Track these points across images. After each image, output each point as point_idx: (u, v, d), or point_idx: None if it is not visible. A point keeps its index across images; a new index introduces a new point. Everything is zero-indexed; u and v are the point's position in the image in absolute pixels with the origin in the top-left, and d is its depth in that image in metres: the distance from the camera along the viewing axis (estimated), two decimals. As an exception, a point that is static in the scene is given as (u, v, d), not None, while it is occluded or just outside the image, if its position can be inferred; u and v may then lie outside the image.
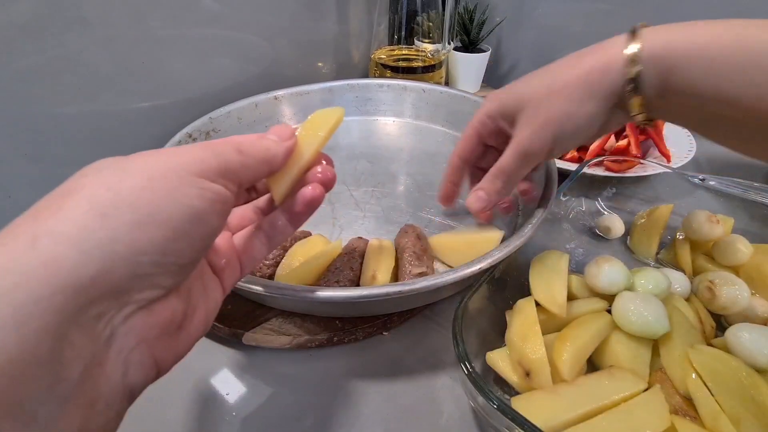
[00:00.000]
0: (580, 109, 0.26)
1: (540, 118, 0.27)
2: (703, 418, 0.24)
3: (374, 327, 0.33)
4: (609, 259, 0.31)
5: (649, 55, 0.24)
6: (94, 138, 0.46)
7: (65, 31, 0.40)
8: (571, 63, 0.27)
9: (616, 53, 0.25)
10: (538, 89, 0.28)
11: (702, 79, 0.23)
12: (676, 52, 0.23)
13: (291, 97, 0.56)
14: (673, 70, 0.23)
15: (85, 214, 0.13)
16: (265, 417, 0.29)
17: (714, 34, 0.23)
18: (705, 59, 0.22)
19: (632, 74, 0.24)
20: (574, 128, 0.27)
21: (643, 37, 0.24)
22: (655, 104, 0.25)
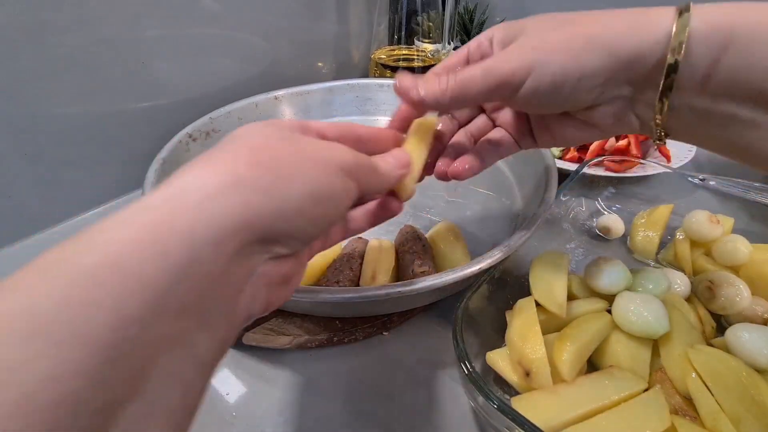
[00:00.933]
0: (581, 54, 0.21)
1: (532, 40, 0.22)
2: (703, 418, 0.24)
3: (374, 327, 0.33)
4: (609, 259, 0.31)
5: (703, 21, 0.19)
6: (94, 138, 0.46)
7: (65, 31, 0.40)
8: (602, 12, 0.21)
9: (659, 16, 0.20)
10: (547, 19, 0.23)
11: (763, 62, 0.18)
12: (735, 25, 0.19)
13: (291, 97, 0.56)
14: (731, 46, 0.19)
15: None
16: (265, 417, 0.29)
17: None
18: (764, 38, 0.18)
19: (676, 44, 0.19)
20: (562, 70, 0.21)
21: (695, 7, 0.19)
22: (685, 100, 0.21)
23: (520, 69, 0.21)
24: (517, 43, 0.23)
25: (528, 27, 0.23)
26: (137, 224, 0.13)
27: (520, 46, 0.22)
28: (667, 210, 0.38)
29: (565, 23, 0.22)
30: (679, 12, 0.19)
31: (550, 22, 0.22)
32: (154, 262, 0.12)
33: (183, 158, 0.44)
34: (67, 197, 0.46)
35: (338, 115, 0.58)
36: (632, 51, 0.20)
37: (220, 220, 0.14)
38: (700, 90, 0.20)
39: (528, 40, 0.22)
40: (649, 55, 0.20)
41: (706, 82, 0.20)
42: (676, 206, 0.38)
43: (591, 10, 0.22)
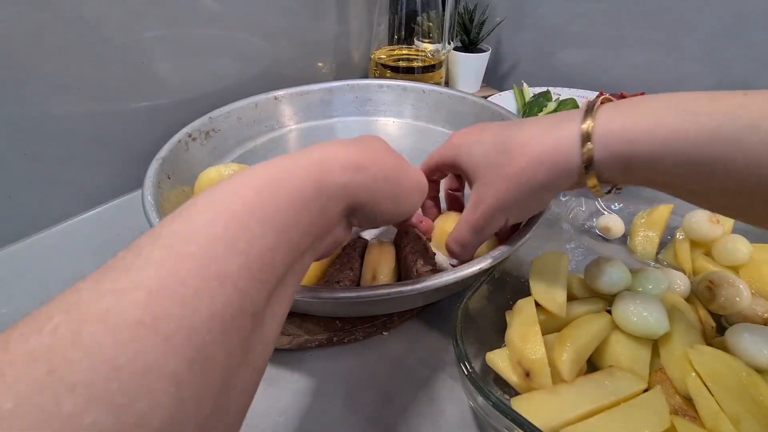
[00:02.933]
0: (527, 196, 0.26)
1: (489, 199, 0.28)
2: (703, 418, 0.24)
3: (374, 327, 0.33)
4: (609, 259, 0.31)
5: (604, 148, 0.23)
6: (94, 138, 0.46)
7: (65, 31, 0.40)
8: (525, 141, 0.26)
9: (569, 138, 0.24)
10: (490, 167, 0.28)
11: (669, 170, 0.22)
12: (635, 144, 0.22)
13: (291, 97, 0.56)
14: (634, 161, 0.22)
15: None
16: (265, 417, 0.29)
17: (677, 126, 0.21)
18: (671, 153, 0.21)
19: (586, 160, 0.23)
20: (521, 208, 0.28)
21: (596, 130, 0.23)
22: (618, 180, 0.25)
23: (496, 221, 0.29)
24: (479, 195, 0.29)
25: (477, 169, 0.29)
26: (300, 170, 0.19)
27: (486, 204, 0.28)
28: (667, 210, 0.38)
29: (505, 168, 0.27)
30: (582, 136, 0.23)
31: (492, 159, 0.28)
32: (302, 191, 0.18)
33: (182, 158, 0.44)
34: (67, 197, 0.46)
35: (338, 116, 0.58)
36: (562, 179, 0.25)
37: (342, 188, 0.20)
38: (624, 181, 0.25)
39: (485, 191, 0.28)
40: (574, 176, 0.25)
41: (627, 178, 0.24)
42: (676, 206, 0.38)
43: (516, 134, 0.27)
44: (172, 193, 0.40)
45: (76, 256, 0.41)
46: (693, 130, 0.20)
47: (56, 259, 0.41)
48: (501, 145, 0.27)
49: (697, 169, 0.21)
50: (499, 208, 0.28)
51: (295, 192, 0.18)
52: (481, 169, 0.28)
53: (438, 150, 0.33)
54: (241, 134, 0.52)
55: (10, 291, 0.37)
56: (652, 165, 0.22)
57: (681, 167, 0.21)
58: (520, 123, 0.28)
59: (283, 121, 0.56)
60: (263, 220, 0.16)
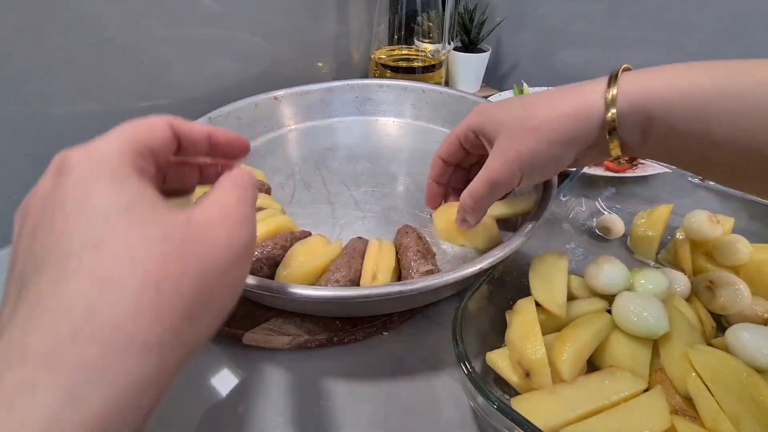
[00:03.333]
0: (548, 149, 0.27)
1: (511, 151, 0.28)
2: (703, 418, 0.24)
3: (374, 327, 0.33)
4: (609, 259, 0.31)
5: (626, 102, 0.24)
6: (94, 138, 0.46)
7: (65, 31, 0.40)
8: (550, 101, 0.27)
9: (594, 99, 0.25)
10: (515, 121, 0.28)
11: (685, 125, 0.23)
12: (654, 100, 0.23)
13: (291, 97, 0.56)
14: (654, 117, 0.24)
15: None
16: (265, 417, 0.29)
17: (693, 80, 0.22)
18: (687, 106, 0.22)
19: (609, 121, 0.25)
20: (540, 165, 0.28)
21: (620, 83, 0.25)
22: (636, 147, 0.26)
23: (513, 177, 0.29)
24: (500, 150, 0.29)
25: (500, 128, 0.29)
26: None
27: (504, 155, 0.29)
28: (667, 210, 0.38)
29: (528, 122, 0.27)
30: (606, 96, 0.25)
31: (517, 117, 0.28)
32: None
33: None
34: (67, 197, 0.46)
35: (338, 115, 0.58)
36: (582, 137, 0.26)
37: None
38: (643, 143, 0.26)
39: (506, 146, 0.29)
40: (594, 134, 0.26)
41: (645, 140, 0.25)
42: (676, 206, 0.38)
43: (545, 96, 0.28)
44: (172, 193, 0.40)
45: (76, 256, 0.41)
46: (707, 85, 0.22)
47: (56, 259, 0.41)
48: (527, 103, 0.28)
49: (711, 123, 0.22)
50: (519, 160, 0.28)
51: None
52: (506, 124, 0.29)
53: (464, 120, 0.33)
54: (241, 134, 0.51)
55: (10, 291, 0.37)
56: (670, 120, 0.23)
57: (696, 121, 0.22)
58: (545, 92, 0.29)
59: (283, 121, 0.56)
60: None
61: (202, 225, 0.15)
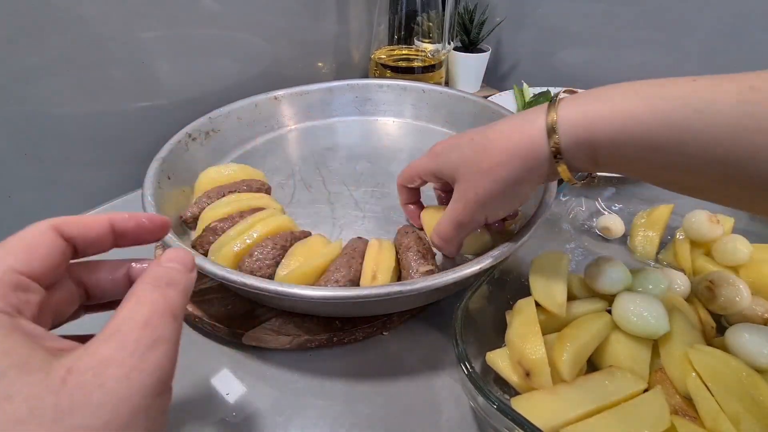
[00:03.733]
0: (504, 189, 0.27)
1: (470, 194, 0.29)
2: (703, 418, 0.24)
3: (374, 327, 0.33)
4: (609, 259, 0.31)
5: (568, 135, 0.24)
6: (94, 138, 0.46)
7: (65, 31, 0.40)
8: (497, 140, 0.27)
9: (537, 133, 0.25)
10: (469, 165, 0.29)
11: (631, 153, 0.23)
12: (596, 132, 0.23)
13: (291, 97, 0.56)
14: (597, 148, 0.23)
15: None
16: (265, 417, 0.29)
17: (633, 111, 0.22)
18: (630, 138, 0.22)
19: (553, 150, 0.25)
20: (501, 202, 0.29)
21: (560, 112, 0.24)
22: (588, 168, 0.26)
23: (478, 217, 0.30)
24: (461, 193, 0.30)
25: (457, 171, 0.30)
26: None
27: (465, 198, 0.29)
28: (667, 210, 0.38)
29: (481, 169, 0.28)
30: (547, 130, 0.25)
31: (471, 161, 0.28)
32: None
33: (183, 158, 0.44)
34: (67, 197, 0.46)
35: (338, 115, 0.58)
36: (534, 171, 0.26)
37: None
38: (595, 168, 0.25)
39: (465, 190, 0.29)
40: (545, 171, 0.26)
41: (596, 166, 0.25)
42: (676, 206, 0.38)
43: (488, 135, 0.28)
44: (172, 193, 0.40)
45: (76, 256, 0.41)
46: (646, 115, 0.21)
47: (56, 259, 0.41)
48: (477, 145, 0.28)
49: (655, 153, 0.22)
50: (479, 202, 0.29)
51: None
52: (460, 169, 0.29)
53: (419, 161, 0.34)
54: (241, 134, 0.52)
55: (10, 291, 0.37)
56: (614, 150, 0.23)
57: (641, 151, 0.22)
58: (493, 124, 0.29)
59: (283, 121, 0.56)
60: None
61: (84, 381, 0.13)
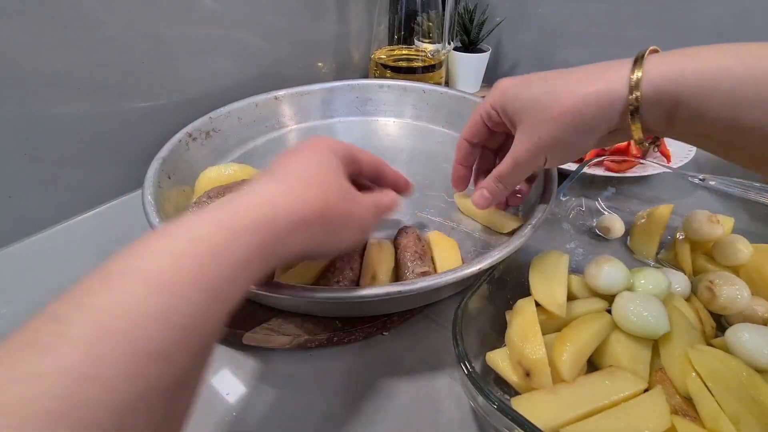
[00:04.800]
0: (570, 137, 0.27)
1: (534, 137, 0.29)
2: (703, 418, 0.24)
3: (374, 327, 0.33)
4: (609, 259, 0.31)
5: (652, 87, 0.23)
6: (94, 138, 0.46)
7: (65, 31, 0.40)
8: (572, 84, 0.26)
9: (617, 85, 0.24)
10: (537, 109, 0.28)
11: (713, 110, 0.22)
12: (683, 85, 0.22)
13: (291, 97, 0.56)
14: (681, 102, 0.23)
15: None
16: (265, 417, 0.29)
17: (723, 64, 0.22)
18: (717, 92, 0.22)
19: (631, 105, 0.24)
20: (563, 150, 0.29)
21: (646, 67, 0.24)
22: (660, 131, 0.25)
23: (537, 160, 0.30)
24: (524, 134, 0.29)
25: (523, 110, 0.29)
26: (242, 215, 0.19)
27: (528, 139, 0.29)
28: (667, 210, 0.38)
29: (551, 107, 0.27)
30: (630, 81, 0.24)
31: (540, 100, 0.28)
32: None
33: (183, 157, 0.44)
34: (67, 197, 0.46)
35: (338, 116, 0.58)
36: (606, 124, 0.26)
37: (285, 251, 0.20)
38: (669, 129, 0.25)
39: (529, 131, 0.29)
40: (617, 119, 0.25)
41: (671, 126, 0.25)
42: (676, 206, 0.38)
43: (563, 78, 0.27)
44: (172, 192, 0.40)
45: (76, 256, 0.41)
46: (739, 70, 0.21)
47: (56, 259, 0.41)
48: (549, 87, 0.28)
49: (741, 110, 0.21)
50: (543, 145, 0.28)
51: (241, 258, 0.17)
52: (528, 111, 0.29)
53: (485, 99, 0.34)
54: (241, 134, 0.52)
55: (10, 291, 0.37)
56: (698, 106, 0.22)
57: (727, 108, 0.22)
58: (567, 70, 0.28)
59: (284, 121, 0.56)
60: (204, 288, 0.15)
61: (350, 190, 0.26)
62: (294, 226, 0.20)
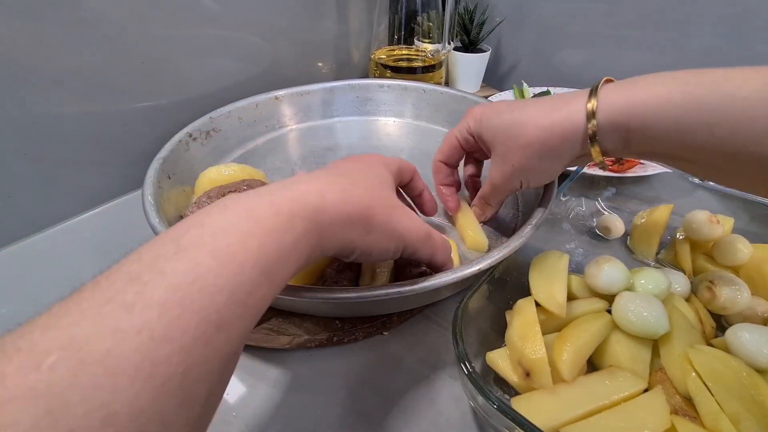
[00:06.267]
0: (538, 164, 0.31)
1: (508, 164, 0.32)
2: (703, 419, 0.24)
3: (374, 327, 0.33)
4: (609, 259, 0.31)
5: (606, 116, 0.26)
6: (94, 138, 0.46)
7: (66, 31, 0.40)
8: (537, 116, 0.29)
9: (577, 115, 0.27)
10: (507, 137, 0.31)
11: (663, 135, 0.25)
12: (632, 114, 0.25)
13: (292, 97, 0.56)
14: (632, 129, 0.26)
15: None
16: (265, 417, 0.29)
17: (668, 95, 0.24)
18: (664, 119, 0.24)
19: (590, 133, 0.27)
20: (535, 174, 0.32)
21: (600, 98, 0.26)
22: (619, 152, 0.28)
23: (513, 184, 0.33)
24: (498, 162, 0.33)
25: (496, 138, 0.32)
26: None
27: (502, 167, 0.33)
28: (667, 210, 0.38)
29: (519, 136, 0.30)
30: (587, 112, 0.27)
31: (509, 129, 0.31)
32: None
33: (183, 157, 0.44)
34: (67, 197, 0.46)
35: (339, 116, 0.58)
36: (568, 149, 0.29)
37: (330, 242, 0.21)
38: (627, 152, 0.28)
39: (502, 158, 0.32)
40: (579, 146, 0.28)
41: (628, 149, 0.27)
42: (676, 206, 0.38)
43: (529, 110, 0.30)
44: (172, 192, 0.40)
45: (76, 256, 0.41)
46: (681, 98, 0.23)
47: (56, 259, 0.41)
48: (516, 118, 0.31)
49: (686, 134, 0.24)
50: (515, 171, 0.32)
51: (294, 243, 0.18)
52: (500, 138, 0.32)
53: (456, 127, 0.37)
54: (241, 134, 0.52)
55: (10, 291, 0.37)
56: (648, 132, 0.25)
57: (673, 133, 0.24)
58: (532, 100, 0.32)
59: (284, 121, 0.56)
60: (264, 270, 0.16)
61: (395, 201, 0.26)
62: (338, 221, 0.21)
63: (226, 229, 0.16)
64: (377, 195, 0.25)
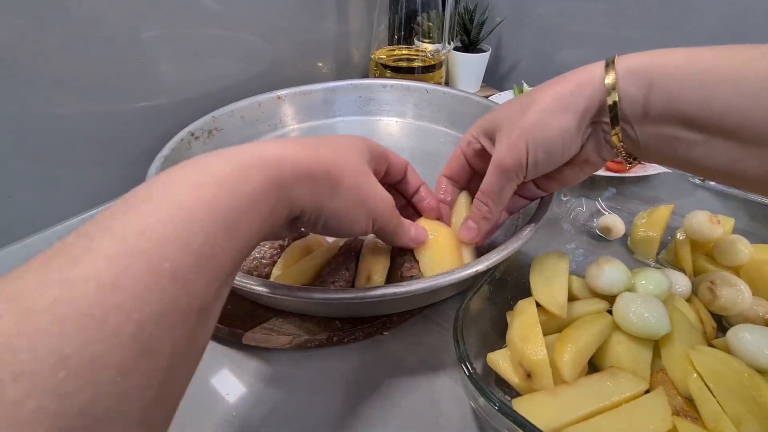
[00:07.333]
0: (551, 119, 0.26)
1: (514, 132, 0.28)
2: (705, 419, 0.24)
3: (374, 327, 0.33)
4: (609, 259, 0.31)
5: (626, 68, 0.25)
6: (94, 138, 0.46)
7: (65, 31, 0.40)
8: (549, 84, 0.28)
9: (594, 71, 0.26)
10: (516, 107, 0.29)
11: (685, 90, 0.23)
12: (654, 65, 0.24)
13: (294, 96, 0.55)
14: (654, 82, 0.24)
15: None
16: (265, 417, 0.29)
17: (692, 54, 0.23)
18: (688, 72, 0.23)
19: (608, 86, 0.25)
20: (546, 138, 0.27)
21: (620, 58, 0.25)
22: (636, 120, 0.25)
23: (519, 153, 0.28)
24: (504, 136, 0.29)
25: (502, 119, 0.29)
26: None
27: (508, 137, 0.28)
28: (668, 210, 0.38)
29: (528, 105, 0.27)
30: (606, 64, 0.25)
31: (516, 107, 0.28)
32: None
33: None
34: (67, 197, 0.46)
35: (340, 115, 0.58)
36: (583, 102, 0.26)
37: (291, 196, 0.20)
38: (643, 120, 0.25)
39: (509, 130, 0.28)
40: (596, 101, 0.26)
41: (646, 113, 0.25)
42: (677, 206, 0.38)
43: (544, 84, 0.28)
44: (172, 193, 0.39)
45: (76, 256, 0.41)
46: (708, 55, 0.23)
47: (56, 259, 0.41)
48: (522, 99, 0.29)
49: (711, 90, 0.22)
50: (524, 136, 0.27)
51: (251, 194, 0.18)
52: (507, 114, 0.29)
53: (464, 135, 0.34)
54: (243, 133, 0.52)
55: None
56: (672, 90, 0.23)
57: (697, 91, 0.22)
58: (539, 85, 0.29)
59: (286, 120, 0.56)
60: (218, 219, 0.16)
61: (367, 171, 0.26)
62: (301, 174, 0.20)
63: (176, 182, 0.16)
64: (346, 157, 0.24)
